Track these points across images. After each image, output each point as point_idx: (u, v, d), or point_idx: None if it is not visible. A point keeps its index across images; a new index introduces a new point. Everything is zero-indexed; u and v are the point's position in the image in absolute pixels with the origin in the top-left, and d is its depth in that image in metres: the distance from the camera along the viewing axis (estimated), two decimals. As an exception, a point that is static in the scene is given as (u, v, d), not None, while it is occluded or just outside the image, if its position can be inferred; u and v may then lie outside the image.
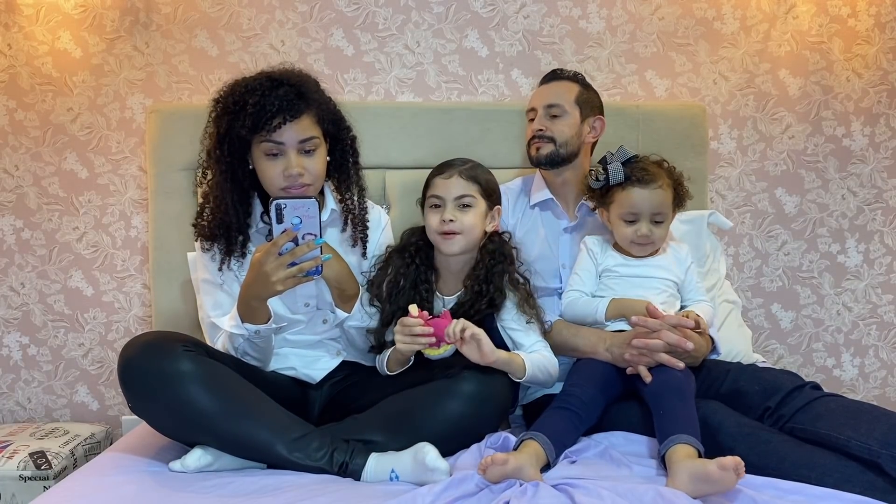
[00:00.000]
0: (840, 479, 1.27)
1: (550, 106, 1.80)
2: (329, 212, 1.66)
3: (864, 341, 2.41)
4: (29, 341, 2.25)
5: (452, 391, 1.44)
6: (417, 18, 2.24)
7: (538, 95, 1.85)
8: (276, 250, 1.39)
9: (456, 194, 1.61)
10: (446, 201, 1.61)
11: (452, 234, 1.60)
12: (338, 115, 1.64)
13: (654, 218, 1.64)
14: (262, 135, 1.50)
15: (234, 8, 2.20)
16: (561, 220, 1.86)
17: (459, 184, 1.62)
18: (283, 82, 1.52)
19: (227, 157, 1.54)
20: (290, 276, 1.40)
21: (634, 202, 1.63)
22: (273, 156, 1.52)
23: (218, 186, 1.57)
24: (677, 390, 1.45)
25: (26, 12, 2.16)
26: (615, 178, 1.64)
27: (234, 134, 1.51)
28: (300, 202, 1.41)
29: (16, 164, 2.21)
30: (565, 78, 1.85)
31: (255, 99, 1.48)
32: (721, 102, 2.32)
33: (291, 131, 1.51)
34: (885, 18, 2.31)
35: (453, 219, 1.59)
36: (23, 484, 1.85)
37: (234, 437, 1.37)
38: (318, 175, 1.56)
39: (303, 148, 1.53)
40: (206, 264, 1.63)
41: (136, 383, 1.37)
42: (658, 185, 1.63)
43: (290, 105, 1.50)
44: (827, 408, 1.41)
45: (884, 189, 2.37)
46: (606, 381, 1.55)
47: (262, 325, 1.51)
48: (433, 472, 1.30)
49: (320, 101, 1.58)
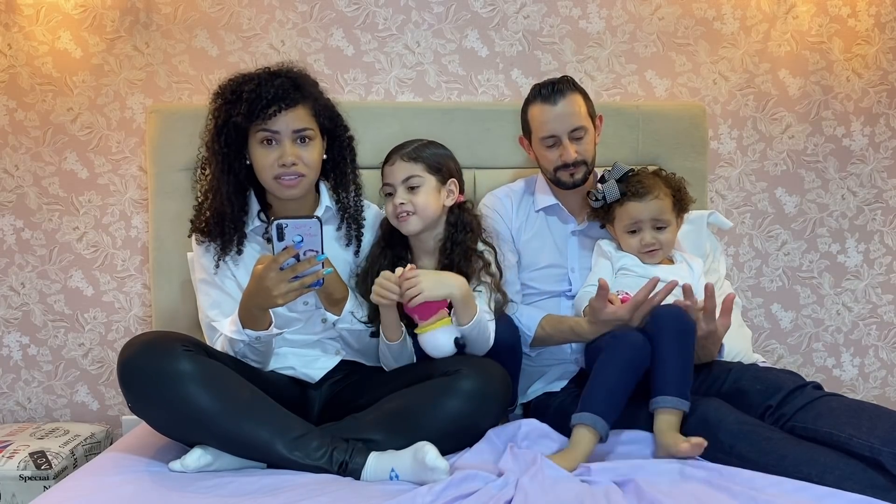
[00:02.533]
0: (841, 477, 1.27)
1: (574, 129, 1.73)
2: (324, 209, 1.67)
3: (864, 341, 2.41)
4: (29, 341, 2.25)
5: (452, 389, 1.44)
6: (417, 18, 2.24)
7: (556, 120, 1.72)
8: (276, 266, 1.40)
9: (402, 177, 1.63)
10: (395, 187, 1.64)
11: (406, 216, 1.62)
12: (334, 113, 1.66)
13: (655, 225, 1.69)
14: (257, 123, 1.53)
15: (234, 8, 2.20)
16: (568, 224, 1.85)
17: (403, 167, 1.64)
18: (281, 74, 1.57)
19: (225, 149, 1.56)
20: (291, 290, 1.41)
21: (633, 214, 1.68)
22: (268, 143, 1.55)
23: (215, 178, 1.59)
24: (676, 332, 1.50)
25: (26, 12, 2.16)
26: (611, 195, 1.70)
27: (231, 123, 1.54)
28: (302, 222, 1.40)
29: (16, 164, 2.21)
30: (567, 90, 1.73)
31: (252, 87, 1.52)
32: (721, 102, 2.32)
33: (286, 120, 1.53)
34: (885, 18, 2.31)
35: (403, 202, 1.62)
36: (23, 484, 1.85)
37: (233, 437, 1.37)
38: (312, 165, 1.58)
39: (297, 137, 1.55)
40: (203, 263, 1.64)
41: (136, 383, 1.37)
42: (654, 196, 1.68)
43: (285, 94, 1.53)
44: (828, 406, 1.41)
45: (884, 189, 2.37)
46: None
47: (263, 332, 1.51)
48: (433, 471, 1.30)
49: (316, 96, 1.61)
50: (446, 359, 1.52)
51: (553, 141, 1.74)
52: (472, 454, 1.43)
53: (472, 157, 2.07)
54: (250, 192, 1.64)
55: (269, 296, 1.41)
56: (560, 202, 1.84)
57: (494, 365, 1.52)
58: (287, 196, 1.58)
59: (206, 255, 1.63)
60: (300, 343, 1.67)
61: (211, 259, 1.62)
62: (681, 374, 1.47)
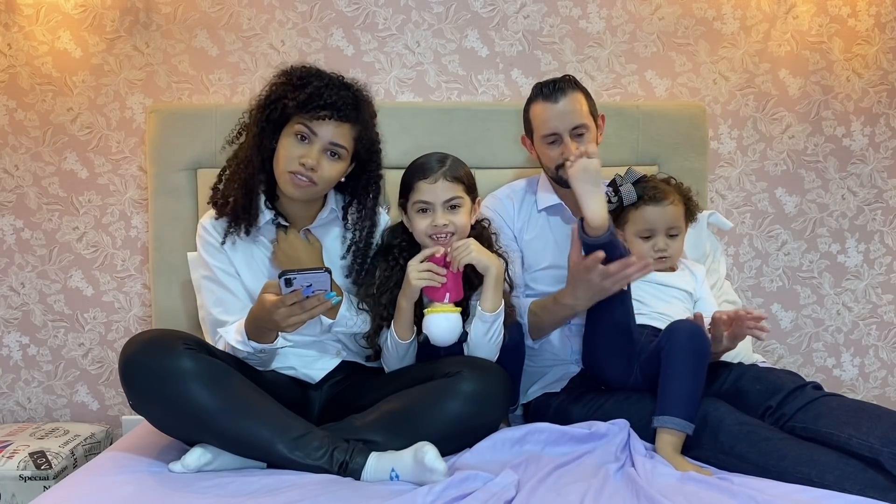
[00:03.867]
0: (840, 477, 1.27)
1: (576, 127, 1.72)
2: (329, 211, 1.67)
3: (864, 341, 2.41)
4: (29, 341, 2.25)
5: (452, 391, 1.44)
6: (417, 18, 2.24)
7: (557, 118, 1.72)
8: (284, 305, 1.39)
9: (444, 198, 1.59)
10: (435, 206, 1.59)
11: (448, 237, 1.59)
12: (375, 148, 1.66)
13: (669, 232, 1.71)
14: (304, 117, 1.53)
15: (234, 8, 2.20)
16: (571, 224, 1.85)
17: (446, 187, 1.59)
18: (351, 88, 1.59)
19: (264, 122, 1.57)
20: (300, 321, 1.42)
21: (649, 219, 1.69)
22: (301, 139, 1.55)
23: (250, 147, 1.59)
24: (692, 352, 1.47)
25: (26, 12, 2.16)
26: (628, 198, 1.70)
27: (281, 103, 1.54)
28: (311, 276, 1.38)
29: (16, 164, 2.21)
30: (569, 89, 1.73)
31: (320, 84, 1.54)
32: (721, 102, 2.32)
33: (330, 129, 1.54)
34: (885, 18, 2.31)
35: (446, 223, 1.58)
36: (23, 484, 1.85)
37: (234, 436, 1.37)
38: (328, 180, 1.58)
39: (330, 149, 1.55)
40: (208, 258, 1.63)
41: (137, 381, 1.37)
42: (670, 202, 1.70)
43: (344, 106, 1.54)
44: (828, 407, 1.41)
45: (884, 189, 2.37)
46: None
47: (268, 344, 1.52)
48: (431, 472, 1.30)
49: (367, 124, 1.62)
50: (447, 360, 1.53)
51: (554, 138, 1.74)
52: (473, 454, 1.43)
53: (472, 157, 2.04)
54: (262, 176, 1.62)
55: (277, 325, 1.43)
56: (563, 202, 1.84)
57: (495, 367, 1.52)
58: (291, 194, 1.57)
59: (214, 232, 1.62)
60: (301, 343, 1.67)
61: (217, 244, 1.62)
62: (689, 395, 1.45)
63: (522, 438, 1.47)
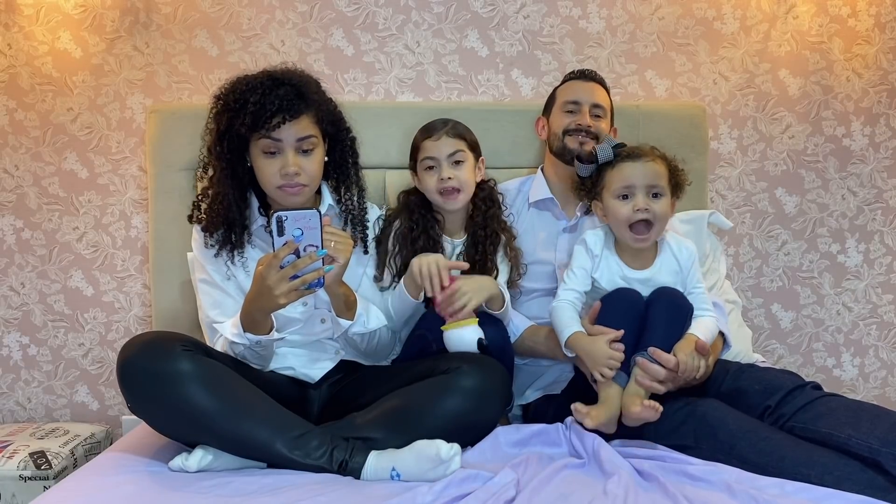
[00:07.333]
0: (840, 477, 1.27)
1: (597, 105, 1.83)
2: (326, 207, 1.67)
3: (864, 341, 2.41)
4: (29, 341, 2.25)
5: (451, 387, 1.44)
6: (417, 18, 2.24)
7: (584, 90, 1.85)
8: (277, 263, 1.39)
9: (448, 152, 1.70)
10: (440, 161, 1.70)
11: (454, 192, 1.69)
12: (337, 116, 1.66)
13: (650, 191, 1.55)
14: (260, 132, 1.53)
15: (234, 8, 2.20)
16: (560, 221, 1.86)
17: (449, 142, 1.71)
18: (284, 82, 1.55)
19: (227, 154, 1.57)
20: (292, 289, 1.40)
21: (626, 175, 1.55)
22: (271, 154, 1.55)
23: (220, 183, 1.59)
24: (670, 306, 1.54)
25: (26, 12, 2.16)
26: (604, 156, 1.58)
27: (233, 131, 1.54)
28: (301, 213, 1.39)
29: (16, 164, 2.21)
30: (602, 83, 1.89)
31: (256, 97, 1.51)
32: (721, 102, 2.32)
33: (290, 130, 1.53)
34: (885, 18, 2.31)
35: (451, 176, 1.68)
36: (23, 484, 1.85)
37: (233, 436, 1.37)
38: (314, 176, 1.58)
39: (300, 147, 1.55)
40: (204, 262, 1.64)
41: (136, 383, 1.37)
42: (649, 159, 1.56)
43: (289, 105, 1.52)
44: (827, 407, 1.41)
45: (884, 189, 2.37)
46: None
47: (264, 336, 1.51)
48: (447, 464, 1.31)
49: (320, 102, 1.60)
50: (445, 356, 1.53)
51: (574, 107, 1.83)
52: (473, 453, 1.43)
53: (472, 157, 2.07)
54: (250, 192, 1.64)
55: (270, 295, 1.40)
56: (554, 196, 1.84)
57: (493, 362, 1.53)
58: (289, 204, 1.58)
59: (204, 245, 1.63)
60: (300, 343, 1.67)
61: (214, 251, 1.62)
62: (664, 337, 1.50)
63: (523, 439, 1.47)
